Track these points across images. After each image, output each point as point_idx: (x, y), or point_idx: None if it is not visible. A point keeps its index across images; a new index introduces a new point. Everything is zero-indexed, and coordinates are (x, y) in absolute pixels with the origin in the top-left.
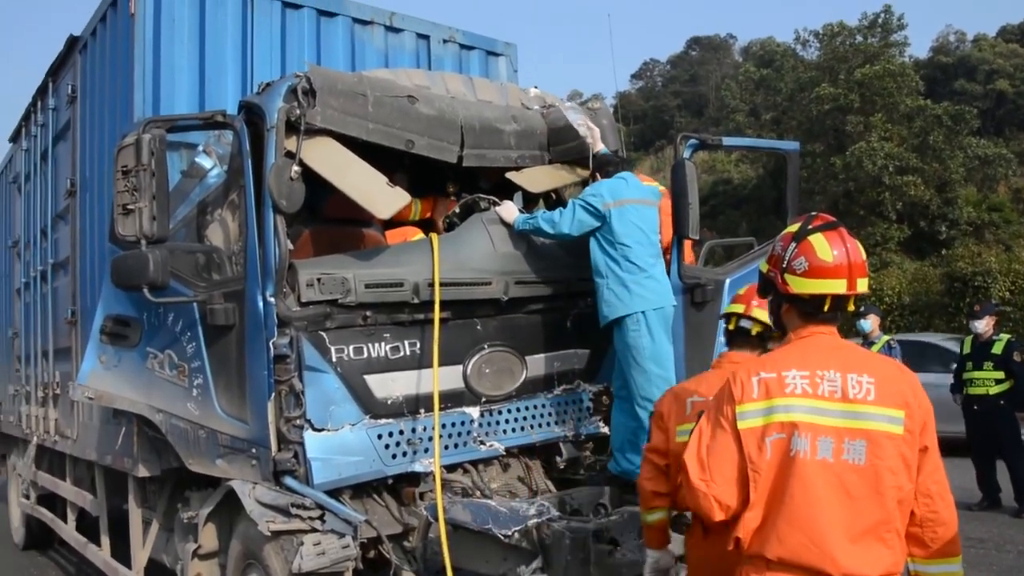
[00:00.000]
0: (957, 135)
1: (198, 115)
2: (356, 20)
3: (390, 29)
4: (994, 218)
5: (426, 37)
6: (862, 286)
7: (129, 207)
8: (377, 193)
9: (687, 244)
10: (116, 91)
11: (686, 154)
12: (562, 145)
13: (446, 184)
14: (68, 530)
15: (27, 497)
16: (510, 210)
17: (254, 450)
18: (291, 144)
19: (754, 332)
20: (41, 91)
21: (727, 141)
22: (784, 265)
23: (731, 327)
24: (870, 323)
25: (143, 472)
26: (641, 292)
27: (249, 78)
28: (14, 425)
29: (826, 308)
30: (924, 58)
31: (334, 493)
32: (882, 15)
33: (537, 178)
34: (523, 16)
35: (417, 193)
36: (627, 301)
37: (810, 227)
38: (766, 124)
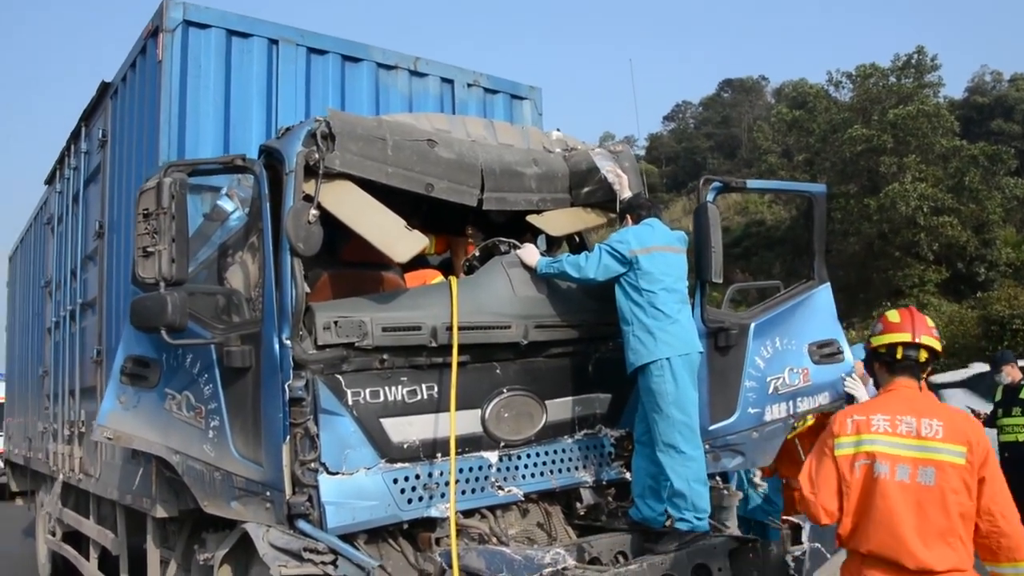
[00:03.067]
0: (994, 175)
1: (219, 159)
2: (380, 65)
3: (414, 74)
4: None
5: (450, 81)
6: (927, 340)
7: (149, 250)
8: (395, 237)
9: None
10: (143, 136)
11: (709, 197)
12: (585, 188)
13: (464, 226)
14: (90, 568)
15: (53, 534)
16: (531, 253)
17: (268, 493)
18: (310, 188)
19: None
20: (75, 135)
21: (752, 184)
22: (871, 333)
23: (899, 356)
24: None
25: (161, 513)
26: (666, 339)
27: (274, 123)
28: (42, 462)
29: (899, 355)
30: (959, 98)
31: (348, 538)
32: (915, 56)
33: (558, 221)
34: (555, 59)
35: (431, 229)
36: (652, 348)
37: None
38: (799, 165)
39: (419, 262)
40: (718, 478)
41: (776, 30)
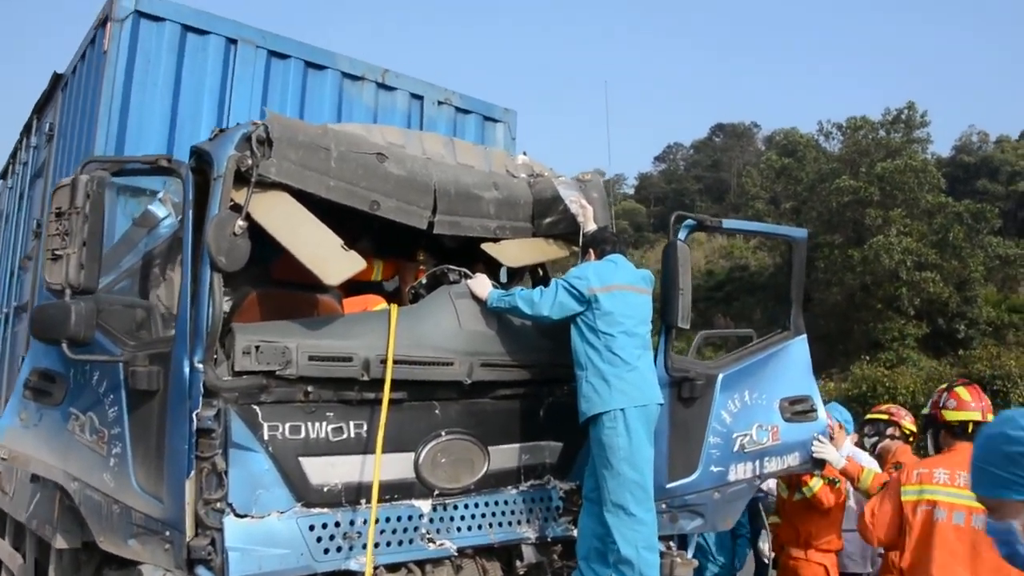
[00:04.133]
0: (978, 233)
1: (142, 158)
2: (346, 75)
3: (382, 87)
4: (1015, 319)
5: (420, 97)
6: (991, 417)
7: (58, 252)
8: (327, 256)
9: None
10: (83, 131)
11: (681, 235)
12: (548, 218)
13: (416, 251)
14: None
15: None
16: (483, 284)
17: (168, 533)
18: (240, 196)
19: None
20: (26, 129)
21: (728, 223)
22: (941, 405)
23: (969, 431)
24: None
25: (61, 543)
26: (623, 387)
27: (225, 126)
28: None
29: (969, 430)
30: (946, 156)
31: None
32: (906, 111)
33: (515, 252)
34: (549, 94)
35: (382, 253)
36: (606, 397)
37: (956, 384)
38: (786, 213)
39: (367, 287)
40: (671, 543)
41: (770, 78)
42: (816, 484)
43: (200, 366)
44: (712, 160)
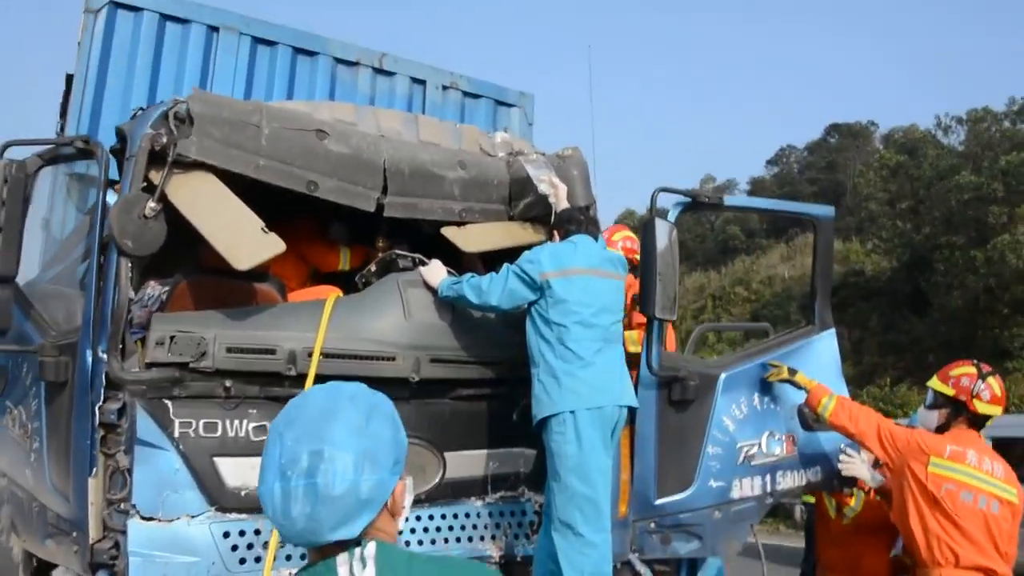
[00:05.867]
0: None
1: (60, 139)
2: (339, 60)
3: (379, 71)
4: None
5: (422, 82)
6: None
7: None
8: (241, 241)
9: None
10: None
11: (671, 216)
12: (524, 200)
13: (377, 238)
14: None
15: None
16: (436, 272)
17: (75, 534)
18: (158, 177)
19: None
20: (57, 134)
21: (730, 200)
22: (975, 394)
23: (989, 424)
24: None
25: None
26: (574, 386)
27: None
28: None
29: (989, 423)
30: None
31: None
32: None
33: (476, 236)
34: (660, 99)
35: (353, 240)
36: (555, 397)
37: (986, 371)
38: (902, 214)
39: (328, 277)
40: (637, 570)
41: (887, 74)
42: (858, 503)
43: (104, 356)
44: (827, 162)
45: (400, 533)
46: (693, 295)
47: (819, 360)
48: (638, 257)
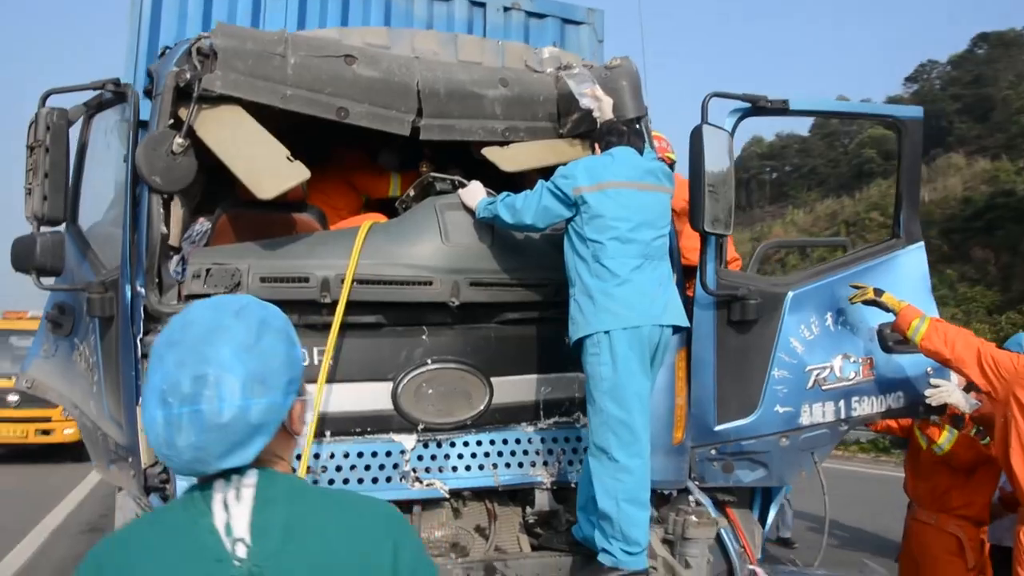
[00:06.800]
0: None
1: (91, 84)
2: None
3: None
4: None
5: (482, 4)
6: None
7: (28, 187)
8: (265, 170)
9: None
10: None
11: (727, 124)
12: (573, 116)
13: (420, 162)
14: None
15: None
16: (475, 193)
17: (130, 459)
18: (186, 114)
19: None
20: None
21: (796, 104)
22: None
23: None
24: None
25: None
26: (609, 306)
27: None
28: None
29: None
30: None
31: None
32: None
33: (517, 155)
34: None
35: (406, 168)
36: (590, 317)
37: None
38: None
39: (376, 205)
40: (691, 498)
41: None
42: (947, 441)
43: (141, 291)
44: (973, 76)
45: (447, 458)
46: (825, 222)
47: (906, 277)
48: (671, 156)
